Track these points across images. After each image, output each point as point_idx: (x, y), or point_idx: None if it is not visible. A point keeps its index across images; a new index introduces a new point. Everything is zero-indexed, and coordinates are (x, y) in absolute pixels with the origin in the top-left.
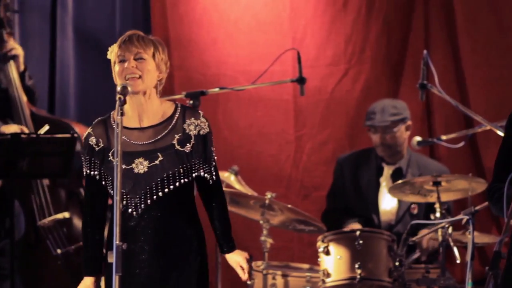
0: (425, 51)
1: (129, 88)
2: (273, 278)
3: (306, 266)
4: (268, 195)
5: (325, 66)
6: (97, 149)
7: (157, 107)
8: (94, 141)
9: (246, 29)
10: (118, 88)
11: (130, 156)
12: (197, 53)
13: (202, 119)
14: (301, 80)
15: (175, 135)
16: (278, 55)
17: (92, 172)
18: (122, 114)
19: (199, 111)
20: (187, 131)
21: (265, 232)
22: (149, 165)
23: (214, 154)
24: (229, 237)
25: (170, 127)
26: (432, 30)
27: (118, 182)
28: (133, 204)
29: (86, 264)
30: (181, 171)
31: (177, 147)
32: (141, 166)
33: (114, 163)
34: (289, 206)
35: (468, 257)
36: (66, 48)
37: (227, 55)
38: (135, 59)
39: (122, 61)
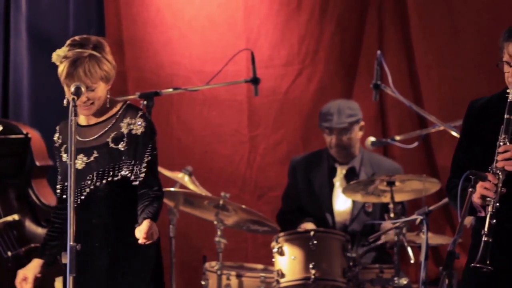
0: (378, 52)
1: (82, 89)
2: (228, 279)
3: (260, 266)
4: (222, 195)
5: (279, 66)
6: (57, 144)
7: (104, 105)
8: (56, 136)
9: (200, 30)
10: (72, 89)
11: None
12: (151, 53)
13: (138, 119)
14: (255, 81)
15: (111, 133)
16: (232, 56)
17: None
18: (75, 115)
19: (140, 112)
20: (121, 130)
21: (219, 232)
22: (86, 162)
23: (147, 156)
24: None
25: (110, 125)
26: (385, 31)
27: (72, 182)
28: (80, 197)
29: (41, 246)
30: (111, 168)
31: (111, 145)
32: (80, 161)
33: (68, 162)
34: (243, 206)
35: (422, 257)
36: (19, 49)
37: (181, 56)
38: (87, 90)
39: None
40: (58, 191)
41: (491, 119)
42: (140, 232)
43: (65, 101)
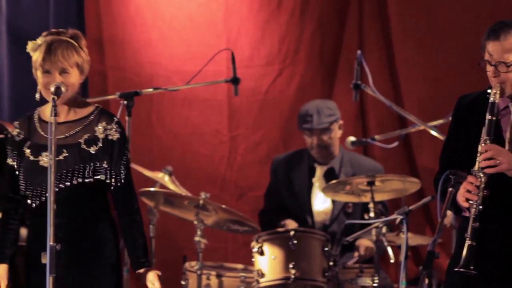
0: (359, 51)
1: (62, 89)
2: (208, 279)
3: (240, 266)
4: (202, 195)
5: (260, 66)
6: (17, 139)
7: (75, 104)
8: (16, 132)
9: (180, 29)
10: (52, 89)
11: (39, 149)
12: (131, 53)
13: (114, 125)
14: (235, 81)
15: (84, 135)
16: (212, 55)
17: (11, 162)
18: (56, 115)
19: (115, 118)
20: (96, 133)
21: (199, 232)
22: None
23: (123, 161)
24: (141, 252)
25: (82, 126)
26: (366, 31)
27: (51, 182)
28: (33, 195)
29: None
30: (81, 170)
31: (83, 146)
32: (46, 159)
33: (49, 161)
34: (223, 206)
35: (402, 257)
36: None
37: (161, 55)
38: (60, 73)
39: (46, 72)
40: (22, 188)
41: (477, 117)
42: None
43: (37, 95)
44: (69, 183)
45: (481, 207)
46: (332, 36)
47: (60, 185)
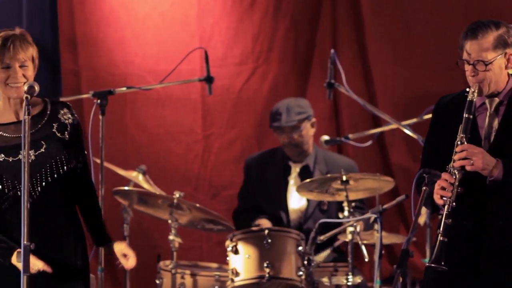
0: (332, 50)
1: (36, 88)
2: (182, 278)
3: (215, 265)
4: (177, 194)
5: (233, 65)
6: None
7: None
8: None
9: (153, 28)
10: (25, 88)
11: (15, 149)
12: (104, 52)
13: (72, 110)
14: (209, 79)
15: (53, 124)
16: (186, 54)
17: None
18: (29, 114)
19: (67, 104)
20: (62, 120)
21: (173, 231)
22: (35, 154)
23: (83, 144)
24: (105, 228)
25: (46, 118)
26: (339, 30)
27: (25, 182)
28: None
29: None
30: (67, 158)
31: (58, 134)
32: (31, 156)
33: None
34: (198, 205)
35: (377, 256)
36: None
37: (135, 54)
38: (20, 67)
39: (6, 67)
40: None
41: (455, 116)
42: (129, 258)
43: None
44: (61, 172)
45: (454, 204)
46: (306, 35)
47: (50, 177)
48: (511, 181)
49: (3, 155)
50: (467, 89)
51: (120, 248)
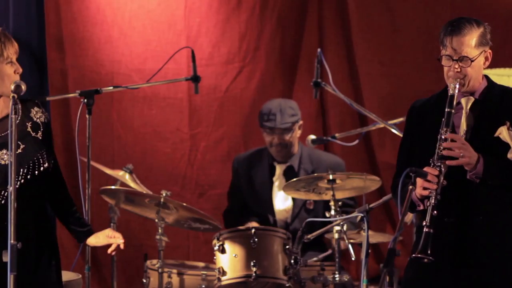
0: (319, 50)
1: (22, 87)
2: (169, 277)
3: (201, 264)
4: (163, 193)
5: (220, 64)
6: None
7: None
8: None
9: (140, 28)
10: (12, 87)
11: None
12: (91, 51)
13: (41, 108)
14: (195, 79)
15: (27, 123)
16: (172, 54)
17: None
18: (16, 113)
19: (36, 101)
20: (35, 119)
21: (160, 230)
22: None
23: (52, 143)
24: (84, 220)
25: (19, 117)
26: (326, 29)
27: (12, 180)
28: (4, 195)
29: None
30: (41, 157)
31: (33, 134)
32: (6, 156)
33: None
34: (184, 204)
35: (363, 255)
36: None
37: (121, 54)
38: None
39: (10, 62)
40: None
41: (429, 118)
42: (117, 236)
43: None
44: (36, 172)
45: (439, 196)
46: (292, 34)
47: (28, 177)
48: (491, 178)
49: None
50: (448, 87)
51: (105, 233)
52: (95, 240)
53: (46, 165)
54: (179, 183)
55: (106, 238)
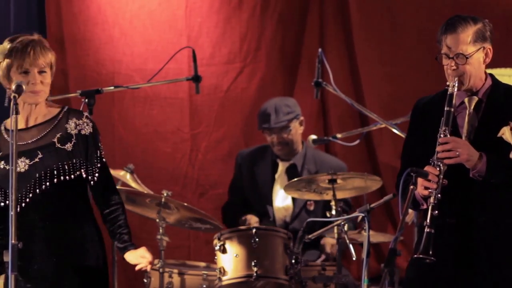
0: (320, 49)
1: (24, 87)
2: (170, 277)
3: (202, 264)
4: (164, 193)
5: (221, 64)
6: None
7: (43, 107)
8: None
9: (141, 28)
10: (13, 87)
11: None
12: (92, 51)
13: (85, 120)
14: (196, 78)
15: (56, 134)
16: (173, 53)
17: None
18: (17, 113)
19: (84, 113)
20: (68, 130)
21: (161, 230)
22: (29, 164)
23: (98, 155)
24: (130, 235)
25: (52, 126)
26: (327, 29)
27: (14, 181)
28: (21, 203)
29: None
30: (61, 168)
31: (58, 145)
32: (22, 164)
33: (10, 166)
34: (185, 204)
35: (364, 255)
36: None
37: (122, 54)
38: (39, 73)
39: (25, 72)
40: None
41: (433, 116)
42: (147, 259)
43: (6, 100)
44: (49, 184)
45: (439, 195)
46: (293, 34)
47: (42, 187)
48: (494, 176)
49: (3, 163)
50: (447, 87)
51: (139, 253)
52: (129, 258)
53: (69, 177)
54: (180, 183)
55: (139, 258)
